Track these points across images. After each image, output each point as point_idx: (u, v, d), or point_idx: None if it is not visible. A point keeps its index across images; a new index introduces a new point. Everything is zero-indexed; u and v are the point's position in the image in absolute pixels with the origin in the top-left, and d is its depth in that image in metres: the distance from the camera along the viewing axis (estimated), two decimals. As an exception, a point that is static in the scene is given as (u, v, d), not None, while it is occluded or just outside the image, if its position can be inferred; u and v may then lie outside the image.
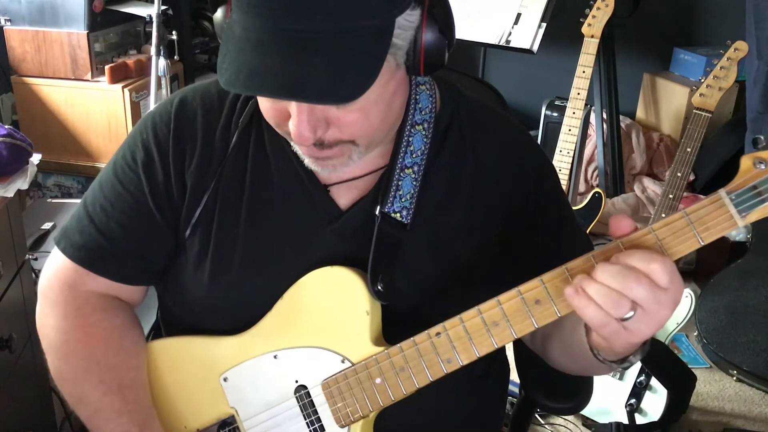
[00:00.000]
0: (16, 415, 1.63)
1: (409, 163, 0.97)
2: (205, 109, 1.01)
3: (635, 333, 0.77)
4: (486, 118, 1.05)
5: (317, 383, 0.96)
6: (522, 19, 2.80)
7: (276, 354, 0.98)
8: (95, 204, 1.02)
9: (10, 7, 2.59)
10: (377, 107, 0.86)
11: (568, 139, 2.69)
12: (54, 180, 2.78)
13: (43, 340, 1.05)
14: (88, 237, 1.02)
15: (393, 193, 0.96)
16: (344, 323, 0.95)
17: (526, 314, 0.85)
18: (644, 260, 0.75)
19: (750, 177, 0.76)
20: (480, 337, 0.88)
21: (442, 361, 0.90)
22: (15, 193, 1.59)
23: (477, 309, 0.88)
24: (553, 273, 0.83)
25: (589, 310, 0.76)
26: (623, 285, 0.74)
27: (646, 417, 2.08)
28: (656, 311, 0.75)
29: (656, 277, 0.74)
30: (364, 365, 0.94)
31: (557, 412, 1.93)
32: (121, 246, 1.01)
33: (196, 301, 1.01)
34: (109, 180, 1.03)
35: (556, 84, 3.27)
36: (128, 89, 2.63)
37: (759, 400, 2.41)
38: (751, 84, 2.88)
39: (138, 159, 1.01)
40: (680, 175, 2.17)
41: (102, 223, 1.01)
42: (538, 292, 0.84)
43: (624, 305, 0.74)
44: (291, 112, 0.83)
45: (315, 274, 0.96)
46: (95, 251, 1.02)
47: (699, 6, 3.80)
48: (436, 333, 0.90)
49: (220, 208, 0.99)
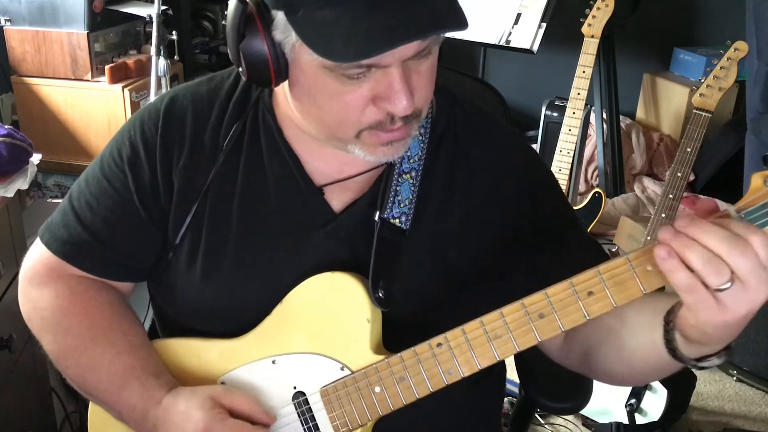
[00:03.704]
0: (16, 415, 1.63)
1: (407, 169, 0.97)
2: (195, 108, 1.01)
3: (729, 308, 0.70)
4: (480, 123, 1.04)
5: (316, 390, 0.96)
6: (522, 19, 2.80)
7: (274, 359, 0.97)
8: (80, 199, 1.02)
9: (10, 7, 2.58)
10: (434, 70, 0.89)
11: (568, 139, 2.69)
12: (54, 180, 2.78)
13: (34, 322, 1.03)
14: (73, 231, 1.01)
15: (392, 198, 0.96)
16: (344, 330, 0.94)
17: (529, 328, 0.84)
18: (746, 230, 0.70)
19: (761, 195, 0.74)
20: (482, 348, 0.87)
21: (443, 372, 0.89)
22: (15, 193, 1.59)
23: (480, 320, 0.86)
24: (559, 287, 0.82)
25: (680, 275, 0.71)
26: (729, 252, 0.68)
27: (646, 417, 2.08)
28: (755, 287, 0.69)
29: (759, 250, 0.69)
30: (363, 374, 0.93)
31: (557, 412, 1.93)
32: (105, 242, 1.01)
33: (187, 302, 1.01)
34: (95, 176, 1.02)
35: (556, 84, 3.27)
36: (128, 89, 2.62)
37: (759, 400, 2.41)
38: (751, 84, 2.88)
39: (124, 156, 1.00)
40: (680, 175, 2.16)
41: (86, 219, 1.01)
42: (542, 306, 0.83)
43: (724, 273, 0.69)
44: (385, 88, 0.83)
45: (315, 279, 0.95)
46: (79, 246, 1.01)
47: (699, 6, 3.80)
48: (438, 344, 0.89)
49: (211, 210, 0.99)
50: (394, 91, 0.83)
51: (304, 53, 0.82)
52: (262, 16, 0.83)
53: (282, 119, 0.99)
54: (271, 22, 0.83)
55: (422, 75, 0.86)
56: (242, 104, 1.00)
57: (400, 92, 0.82)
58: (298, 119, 0.94)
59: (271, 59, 0.84)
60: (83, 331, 1.00)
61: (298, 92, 0.89)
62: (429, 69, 0.87)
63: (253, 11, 0.83)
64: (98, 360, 0.98)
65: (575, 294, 0.81)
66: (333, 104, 0.86)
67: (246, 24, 0.83)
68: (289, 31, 0.82)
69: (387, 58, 0.80)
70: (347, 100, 0.85)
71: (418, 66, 0.84)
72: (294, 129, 0.97)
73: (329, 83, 0.84)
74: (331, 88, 0.84)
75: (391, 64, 0.81)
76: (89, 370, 0.99)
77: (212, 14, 3.71)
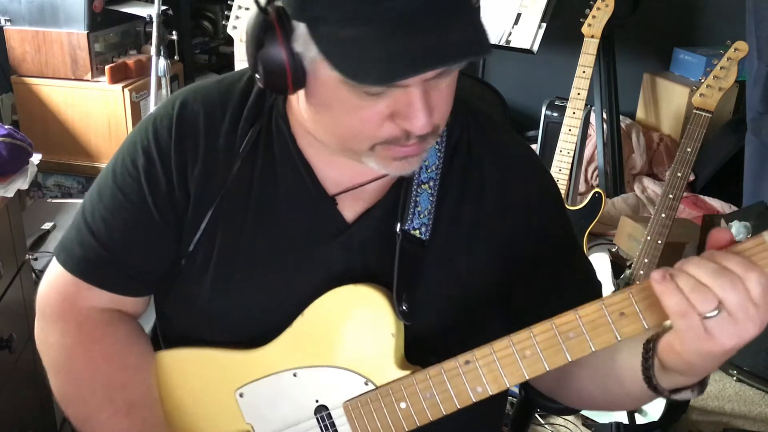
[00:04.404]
0: (16, 415, 1.63)
1: (425, 179, 0.96)
2: (207, 112, 0.98)
3: (715, 339, 0.73)
4: (493, 135, 1.02)
5: (339, 404, 0.94)
6: (522, 19, 2.80)
7: (295, 372, 0.95)
8: (94, 213, 0.99)
9: (10, 7, 2.59)
10: (454, 86, 0.87)
11: (568, 139, 2.68)
12: (54, 180, 2.78)
13: (44, 357, 1.02)
14: (88, 248, 0.98)
15: (412, 209, 0.94)
16: (368, 344, 0.93)
17: (560, 348, 0.84)
18: (742, 266, 0.72)
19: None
20: (511, 367, 0.86)
21: (470, 390, 0.88)
22: (15, 193, 1.59)
23: (509, 339, 0.85)
24: (590, 308, 0.82)
25: (673, 298, 0.73)
26: (715, 283, 0.72)
27: (646, 417, 2.08)
28: (742, 321, 0.72)
29: (750, 286, 0.72)
30: (388, 389, 0.92)
31: (557, 412, 1.93)
32: (123, 257, 0.98)
33: (196, 311, 0.99)
34: (108, 187, 0.99)
35: (556, 84, 3.27)
36: (128, 89, 2.63)
37: (759, 400, 2.41)
38: (751, 84, 2.88)
39: (139, 165, 0.97)
40: (680, 175, 2.16)
41: (102, 234, 0.98)
42: (573, 326, 0.83)
43: (711, 301, 0.72)
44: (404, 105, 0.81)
45: (338, 291, 0.93)
46: (95, 263, 0.98)
47: (699, 6, 3.80)
48: (466, 361, 0.88)
49: (226, 217, 0.97)
50: (414, 110, 0.81)
51: (324, 68, 0.80)
52: (282, 26, 0.80)
53: (295, 127, 0.96)
54: (291, 32, 0.80)
55: (442, 92, 0.84)
56: (257, 110, 0.98)
57: (419, 111, 0.81)
58: (312, 128, 0.92)
59: (289, 70, 0.82)
60: (82, 382, 0.99)
61: (314, 102, 0.87)
62: (449, 86, 0.85)
63: (274, 20, 0.80)
64: (93, 416, 0.98)
65: (607, 315, 0.81)
66: (349, 118, 0.84)
67: (266, 33, 0.81)
68: (309, 44, 0.79)
69: (409, 80, 0.79)
70: (364, 115, 0.83)
71: (438, 84, 0.83)
72: (307, 137, 0.95)
73: (347, 97, 0.82)
74: (349, 102, 0.82)
75: (412, 83, 0.80)
76: (83, 422, 0.99)
77: (212, 14, 3.72)
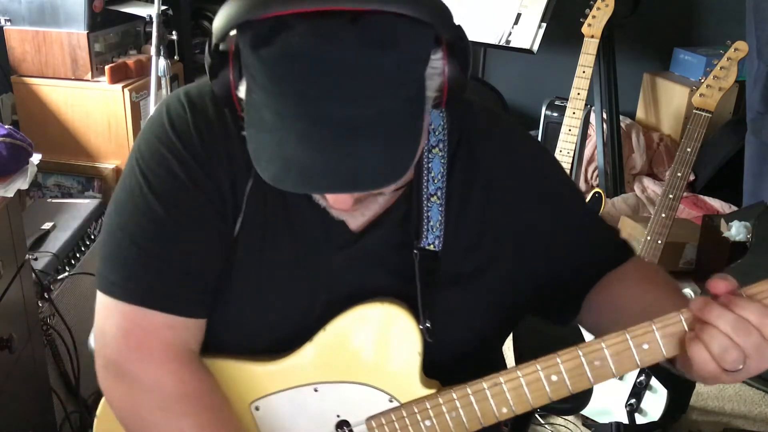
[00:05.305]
0: (16, 415, 1.63)
1: (433, 190, 0.94)
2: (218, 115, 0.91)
3: (732, 378, 0.79)
4: (489, 125, 1.01)
5: (361, 420, 0.94)
6: (522, 19, 2.80)
7: (316, 387, 0.94)
8: (143, 234, 0.89)
9: (10, 7, 2.59)
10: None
11: (568, 139, 2.69)
12: (54, 180, 2.78)
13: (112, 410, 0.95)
14: (149, 273, 0.89)
15: (425, 225, 0.93)
16: (393, 361, 0.92)
17: (585, 375, 0.85)
18: (759, 315, 0.77)
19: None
20: (538, 392, 0.87)
21: (496, 411, 0.89)
22: (15, 193, 1.59)
23: (535, 363, 0.87)
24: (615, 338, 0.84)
25: (703, 355, 0.78)
26: (737, 334, 0.77)
27: (646, 417, 2.08)
28: (756, 361, 0.78)
29: (766, 332, 0.77)
30: (413, 407, 0.92)
31: (557, 412, 1.93)
32: (185, 271, 0.90)
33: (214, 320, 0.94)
34: (147, 201, 0.89)
35: (556, 84, 3.27)
36: (128, 89, 2.63)
37: (759, 400, 2.41)
38: (751, 84, 2.88)
39: (176, 169, 0.89)
40: (680, 175, 2.16)
41: (157, 254, 0.89)
42: (599, 355, 0.84)
43: (739, 361, 0.77)
44: None
45: (363, 308, 0.92)
46: (160, 286, 0.89)
47: (699, 6, 3.80)
48: (494, 383, 0.88)
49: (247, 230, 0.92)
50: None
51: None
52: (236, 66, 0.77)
53: None
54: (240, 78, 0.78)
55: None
56: None
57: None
58: None
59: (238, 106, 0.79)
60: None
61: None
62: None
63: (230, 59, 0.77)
64: None
65: (630, 342, 0.83)
66: None
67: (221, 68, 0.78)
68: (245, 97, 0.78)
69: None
70: None
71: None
72: None
73: None
74: None
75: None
76: None
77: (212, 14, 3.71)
